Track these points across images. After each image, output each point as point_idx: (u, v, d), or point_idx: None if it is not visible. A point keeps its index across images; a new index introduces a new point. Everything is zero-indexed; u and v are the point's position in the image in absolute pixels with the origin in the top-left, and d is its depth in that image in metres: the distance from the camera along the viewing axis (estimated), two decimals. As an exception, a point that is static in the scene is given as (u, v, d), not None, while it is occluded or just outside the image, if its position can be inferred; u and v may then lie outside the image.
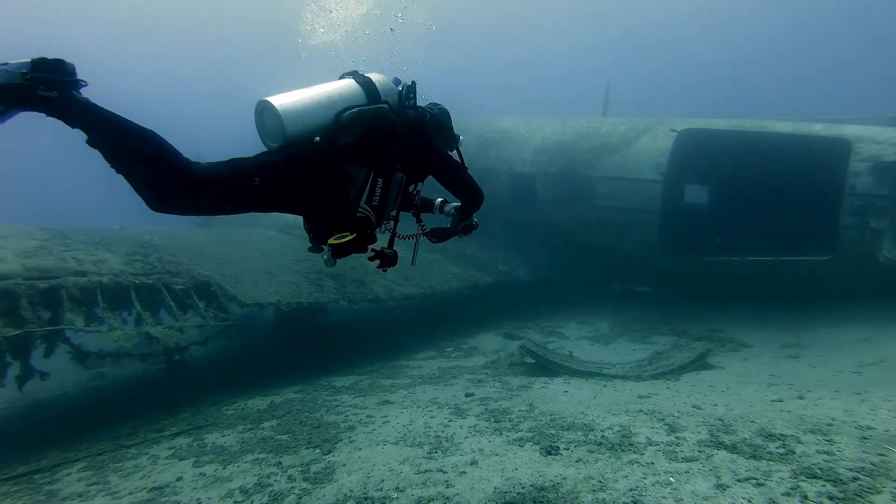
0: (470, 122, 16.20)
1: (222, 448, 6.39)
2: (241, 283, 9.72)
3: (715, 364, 9.29)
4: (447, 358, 11.12)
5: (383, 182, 3.06)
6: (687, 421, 5.60)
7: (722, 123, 12.86)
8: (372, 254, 3.25)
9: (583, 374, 8.81)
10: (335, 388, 9.00)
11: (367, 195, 3.01)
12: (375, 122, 3.08)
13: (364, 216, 3.02)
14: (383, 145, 3.08)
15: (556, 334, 12.48)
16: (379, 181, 3.05)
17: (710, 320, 12.40)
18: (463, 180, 3.47)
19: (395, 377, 9.54)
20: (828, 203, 11.52)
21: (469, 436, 5.88)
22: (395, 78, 3.40)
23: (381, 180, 3.05)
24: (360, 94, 3.19)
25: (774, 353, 10.50)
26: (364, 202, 3.01)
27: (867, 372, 8.55)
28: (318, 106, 3.04)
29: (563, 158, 13.96)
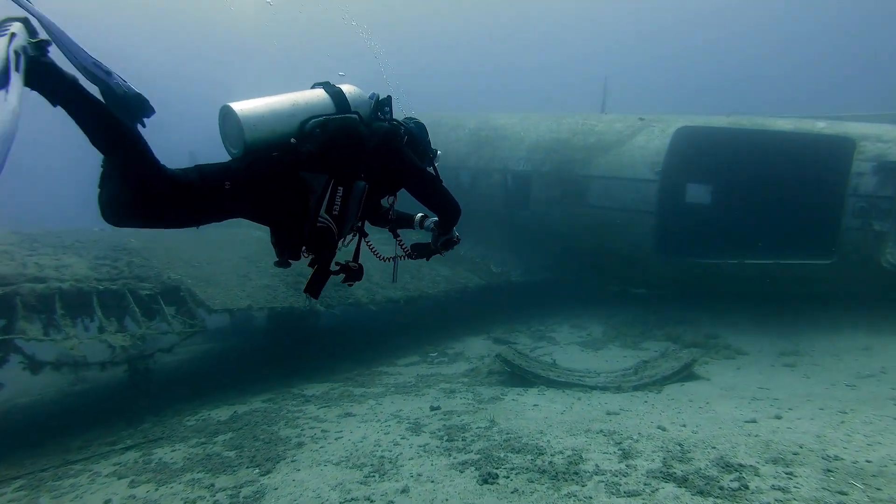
0: (465, 119, 15.83)
1: (165, 465, 6.15)
2: (214, 288, 9.49)
3: (702, 374, 8.85)
4: (429, 364, 10.81)
5: (343, 190, 2.94)
6: (645, 445, 5.21)
7: (721, 121, 12.32)
8: (336, 267, 3.12)
9: (560, 385, 8.42)
10: (305, 397, 8.73)
11: (326, 204, 2.90)
12: (340, 131, 2.98)
13: (324, 226, 2.92)
14: (347, 155, 2.97)
15: (547, 339, 12.08)
16: (339, 189, 2.93)
17: (707, 325, 11.91)
18: (437, 194, 3.28)
19: (370, 385, 9.24)
20: (830, 204, 10.94)
21: (415, 457, 5.56)
22: (372, 93, 3.30)
23: (341, 189, 2.93)
24: (328, 103, 3.08)
25: (770, 360, 10.03)
26: (324, 211, 2.90)
27: (862, 385, 8.06)
28: (282, 113, 2.94)
29: (558, 157, 13.52)
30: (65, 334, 7.54)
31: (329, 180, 2.91)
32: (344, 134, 2.98)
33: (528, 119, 14.80)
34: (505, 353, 8.99)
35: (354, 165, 2.98)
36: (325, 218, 2.90)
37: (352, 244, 3.30)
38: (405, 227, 3.73)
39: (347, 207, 2.96)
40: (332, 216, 2.91)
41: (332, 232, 2.94)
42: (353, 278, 3.18)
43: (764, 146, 12.19)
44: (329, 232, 2.92)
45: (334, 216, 2.92)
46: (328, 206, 2.90)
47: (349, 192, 2.95)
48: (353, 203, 2.99)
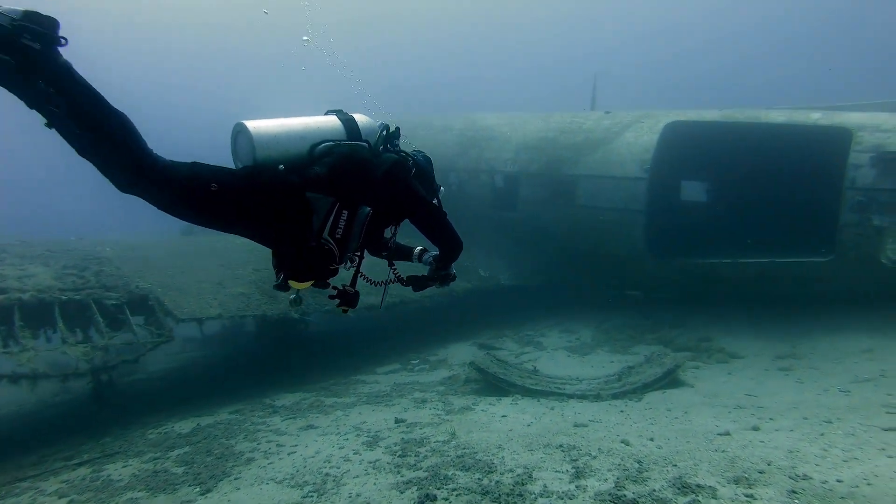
0: (453, 120, 15.51)
1: (110, 483, 5.89)
2: (184, 296, 9.27)
3: (688, 380, 8.43)
4: (409, 371, 10.49)
5: (348, 214, 2.95)
6: (602, 462, 4.83)
7: (712, 114, 11.88)
8: (333, 291, 3.13)
9: (536, 394, 8.06)
10: (274, 407, 8.45)
11: (330, 226, 2.90)
12: (349, 157, 3.03)
13: (326, 248, 2.91)
14: (354, 180, 3.00)
15: (534, 344, 11.71)
16: (344, 213, 2.94)
17: (701, 328, 11.46)
18: (441, 228, 3.28)
19: (343, 395, 8.94)
20: (827, 199, 10.46)
21: (361, 475, 5.24)
22: (381, 123, 3.35)
23: (346, 212, 2.94)
24: (339, 130, 3.14)
25: (766, 364, 9.58)
26: (327, 233, 2.90)
27: (857, 391, 7.59)
28: (294, 135, 2.99)
29: (545, 156, 13.14)
30: (22, 346, 7.34)
31: (335, 203, 2.91)
32: (352, 160, 3.02)
33: (515, 119, 14.44)
34: (479, 362, 8.64)
35: (361, 191, 2.99)
36: (327, 240, 2.89)
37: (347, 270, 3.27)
38: (403, 259, 3.74)
39: (350, 231, 2.95)
40: (335, 238, 2.90)
41: (334, 254, 2.91)
42: (349, 304, 3.14)
43: (758, 140, 11.74)
44: (330, 254, 2.90)
45: (337, 239, 2.91)
46: (332, 228, 2.90)
47: (353, 216, 2.95)
48: (356, 227, 2.97)
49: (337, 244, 2.92)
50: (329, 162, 2.98)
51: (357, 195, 2.98)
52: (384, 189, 3.08)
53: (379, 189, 3.06)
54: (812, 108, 11.27)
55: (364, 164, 3.05)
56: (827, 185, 10.52)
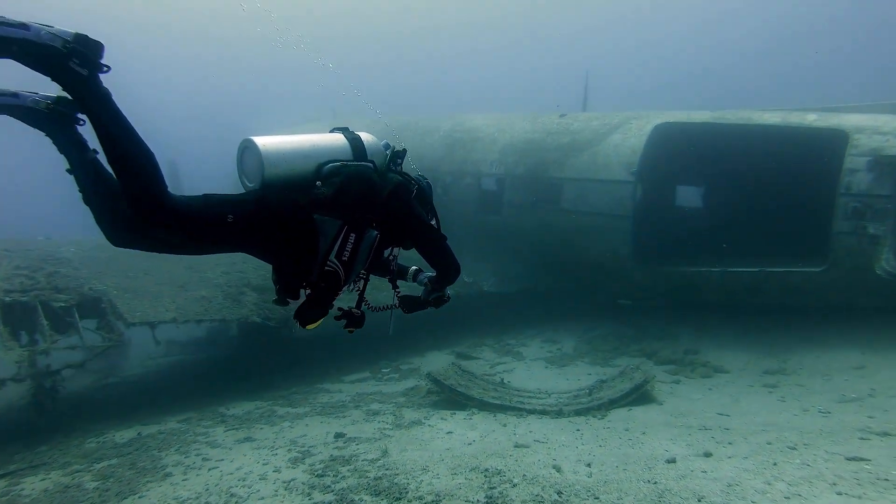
0: (441, 122, 15.10)
1: (17, 498, 5.58)
2: (140, 299, 8.98)
3: (659, 397, 7.90)
4: (377, 380, 10.08)
5: (356, 237, 2.92)
6: (520, 492, 4.37)
7: (703, 115, 11.31)
8: (339, 313, 3.09)
9: (494, 408, 7.58)
10: (224, 416, 8.11)
11: (337, 249, 2.87)
12: (355, 177, 3.00)
13: (332, 270, 2.87)
14: (360, 201, 2.97)
15: (513, 354, 11.24)
16: (351, 236, 2.91)
17: (688, 340, 10.90)
18: (441, 251, 3.26)
19: (298, 405, 8.57)
20: (821, 205, 9.84)
21: (269, 496, 4.85)
22: (385, 142, 3.31)
23: (353, 235, 2.91)
24: (346, 149, 3.11)
25: (751, 380, 9.05)
26: (334, 256, 2.86)
27: (839, 411, 7.04)
28: (301, 153, 2.96)
29: (531, 159, 12.66)
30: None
31: (343, 226, 2.89)
32: (359, 181, 3.00)
33: (503, 119, 13.98)
34: (437, 373, 8.19)
35: (366, 212, 2.98)
36: (333, 262, 2.87)
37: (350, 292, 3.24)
38: (400, 279, 3.66)
39: (357, 254, 2.92)
40: (342, 261, 2.88)
41: (340, 276, 2.89)
42: (355, 325, 3.13)
43: (750, 142, 11.14)
44: (336, 276, 2.88)
45: (343, 261, 2.88)
46: (339, 251, 2.87)
47: (360, 239, 2.93)
48: (363, 250, 2.95)
49: (343, 266, 2.89)
50: (336, 182, 2.95)
51: (364, 218, 2.96)
52: (387, 210, 3.07)
53: (383, 210, 3.05)
54: (809, 110, 10.66)
55: (370, 186, 3.03)
56: (821, 191, 9.91)
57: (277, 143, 2.93)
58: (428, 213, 3.40)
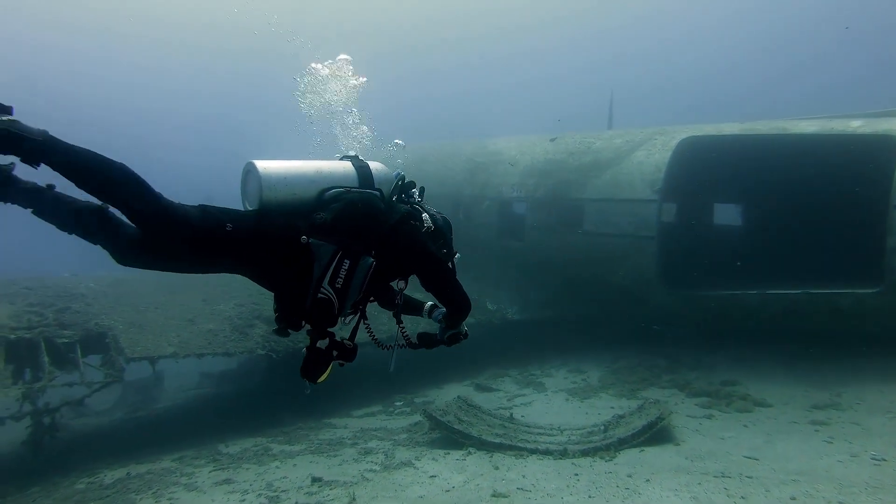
0: (463, 146, 14.79)
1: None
2: (145, 334, 8.91)
3: (680, 435, 7.10)
4: (388, 415, 9.63)
5: (350, 263, 2.84)
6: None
7: (733, 128, 10.52)
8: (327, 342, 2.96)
9: (494, 447, 6.98)
10: (217, 455, 7.84)
11: (330, 275, 2.80)
12: (357, 204, 2.94)
13: (325, 297, 2.81)
14: (360, 228, 2.90)
15: (535, 385, 10.56)
16: (345, 262, 2.83)
17: (725, 369, 9.98)
18: (449, 286, 3.09)
19: (297, 442, 8.21)
20: (871, 220, 8.86)
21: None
22: (397, 172, 3.25)
23: (347, 261, 2.83)
24: (352, 176, 3.06)
25: (796, 416, 8.11)
26: (327, 282, 2.80)
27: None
28: (304, 179, 2.93)
29: (552, 180, 12.11)
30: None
31: (336, 251, 2.81)
32: (360, 207, 2.93)
33: (525, 141, 13.51)
34: (436, 409, 7.65)
35: (365, 240, 2.89)
36: (326, 289, 2.80)
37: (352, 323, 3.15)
38: (413, 314, 3.51)
39: (351, 281, 2.84)
40: (335, 288, 2.80)
41: (333, 304, 2.81)
42: (346, 358, 2.97)
43: (787, 154, 10.25)
44: (329, 304, 2.80)
45: (337, 289, 2.81)
46: (332, 277, 2.80)
47: (355, 266, 2.85)
48: (357, 278, 2.86)
49: (336, 294, 2.81)
50: (336, 208, 2.89)
51: (359, 244, 2.87)
52: (391, 240, 2.96)
53: (386, 240, 2.95)
54: (852, 116, 9.72)
55: (372, 213, 2.96)
56: (872, 204, 8.93)
57: (279, 168, 2.90)
58: (442, 250, 3.26)
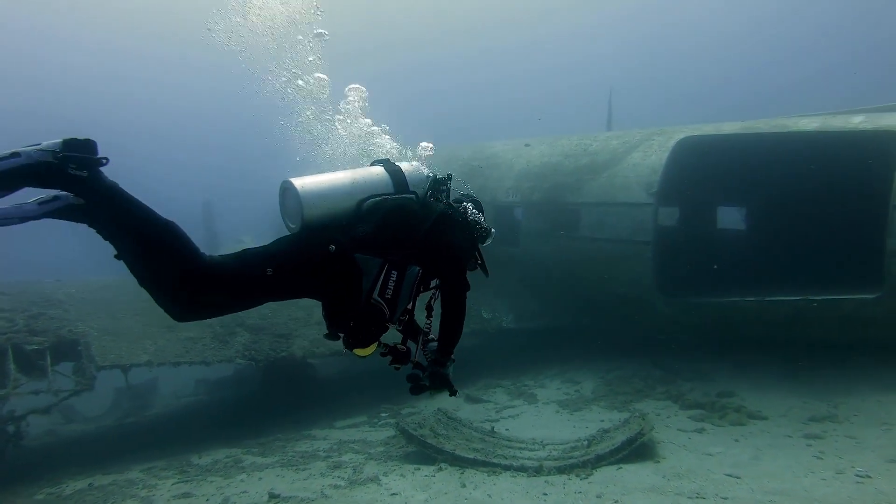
0: (460, 150, 14.52)
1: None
2: (119, 341, 8.74)
3: (661, 451, 6.70)
4: (371, 426, 9.35)
5: (397, 275, 2.89)
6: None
7: (733, 127, 10.11)
8: (384, 349, 3.05)
9: (467, 463, 6.65)
10: (188, 465, 7.65)
11: (380, 287, 2.85)
12: (395, 211, 2.98)
13: (376, 306, 2.85)
14: (400, 237, 2.94)
15: (526, 396, 10.20)
16: (393, 273, 2.88)
17: (723, 380, 9.54)
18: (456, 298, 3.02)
19: (271, 454, 7.97)
20: (871, 221, 8.41)
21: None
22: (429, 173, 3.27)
23: (395, 273, 2.88)
24: (387, 182, 3.08)
25: (791, 429, 7.69)
26: (377, 294, 2.84)
27: (885, 474, 5.65)
28: (341, 191, 2.96)
29: (548, 184, 11.78)
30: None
31: (383, 265, 2.86)
32: (398, 215, 2.97)
33: (521, 144, 13.20)
34: (410, 423, 7.35)
35: (407, 248, 2.94)
36: (377, 300, 2.84)
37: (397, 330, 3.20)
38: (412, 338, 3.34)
39: (400, 291, 2.89)
40: (385, 298, 2.85)
41: (384, 312, 2.86)
42: (400, 361, 3.09)
43: (789, 153, 9.82)
44: (380, 312, 2.85)
45: (387, 299, 2.85)
46: (381, 289, 2.84)
47: (402, 276, 2.90)
48: (405, 287, 2.92)
49: (387, 304, 2.85)
50: (376, 221, 2.93)
51: (404, 254, 2.92)
52: (429, 242, 3.00)
53: (425, 246, 2.99)
54: (855, 111, 9.27)
55: (411, 218, 3.00)
56: (872, 204, 8.48)
57: (316, 183, 2.91)
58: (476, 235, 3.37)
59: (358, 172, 3.08)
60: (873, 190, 8.36)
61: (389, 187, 3.06)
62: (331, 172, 3.02)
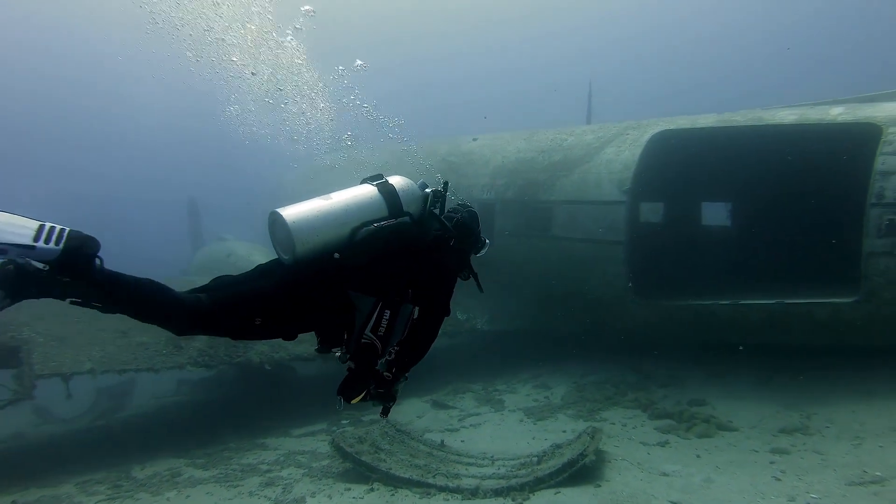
0: (438, 146, 14.08)
1: None
2: (66, 348, 8.48)
3: (606, 472, 6.29)
4: (329, 434, 8.98)
5: (391, 314, 2.85)
6: None
7: (708, 119, 9.59)
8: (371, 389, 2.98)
9: (402, 483, 6.28)
10: (125, 479, 7.37)
11: (372, 324, 2.81)
12: (390, 242, 2.87)
13: (368, 343, 2.82)
14: (394, 274, 2.89)
15: (494, 403, 9.82)
16: (386, 312, 2.84)
17: (697, 387, 9.11)
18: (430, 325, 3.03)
19: (213, 466, 7.67)
20: (849, 219, 7.89)
21: None
22: (421, 182, 3.14)
23: (388, 312, 2.84)
24: (381, 205, 2.93)
25: (759, 442, 7.30)
26: (369, 330, 2.81)
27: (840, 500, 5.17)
28: (334, 221, 2.82)
29: (521, 180, 11.33)
30: None
31: (377, 303, 2.82)
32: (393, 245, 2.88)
33: (498, 139, 12.76)
34: (347, 437, 6.98)
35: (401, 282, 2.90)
36: (369, 336, 2.81)
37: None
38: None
39: (393, 329, 2.87)
40: (378, 335, 2.82)
41: (377, 349, 2.83)
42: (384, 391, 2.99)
43: (766, 146, 9.28)
44: (373, 348, 2.83)
45: (379, 336, 2.82)
46: (374, 326, 2.81)
47: (396, 315, 2.87)
48: (399, 325, 2.90)
49: (380, 340, 2.82)
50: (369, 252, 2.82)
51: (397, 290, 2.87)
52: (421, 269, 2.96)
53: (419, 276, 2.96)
54: (837, 102, 8.72)
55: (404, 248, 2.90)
56: (850, 202, 7.96)
57: (307, 215, 2.79)
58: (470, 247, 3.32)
59: (350, 198, 2.92)
60: (850, 187, 7.83)
61: (384, 210, 2.92)
62: (321, 198, 2.87)
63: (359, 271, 2.81)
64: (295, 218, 2.75)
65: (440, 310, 3.03)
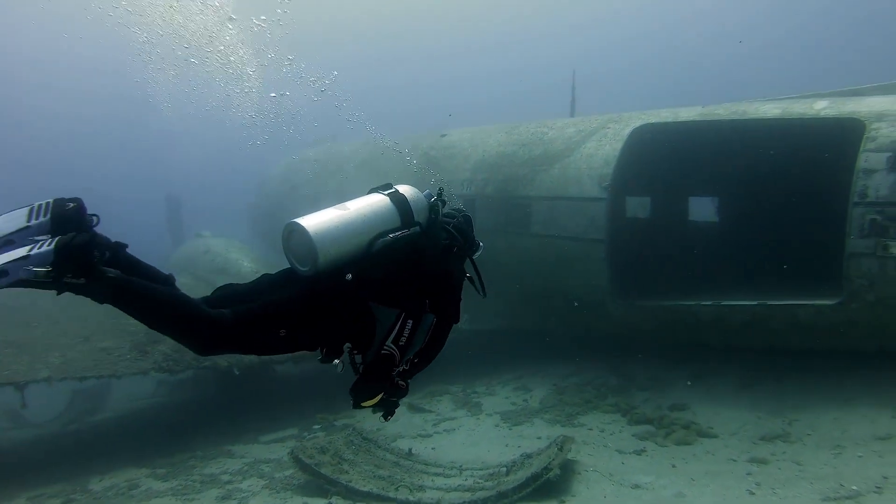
0: (420, 140, 13.73)
1: None
2: (22, 354, 8.19)
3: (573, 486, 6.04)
4: (298, 440, 8.73)
5: (413, 324, 2.84)
6: None
7: (690, 113, 9.26)
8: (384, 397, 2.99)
9: (360, 497, 6.03)
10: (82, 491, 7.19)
11: (394, 335, 2.79)
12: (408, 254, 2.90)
13: (388, 353, 2.78)
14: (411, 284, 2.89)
15: (471, 406, 9.57)
16: (409, 323, 2.83)
17: (679, 390, 8.83)
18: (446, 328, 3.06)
19: (176, 476, 7.44)
20: (831, 218, 7.59)
21: None
22: (427, 192, 3.16)
23: (410, 322, 2.83)
24: (394, 215, 2.96)
25: (738, 451, 7.07)
26: (391, 341, 2.78)
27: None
28: (353, 232, 2.82)
29: (501, 175, 11.00)
30: None
31: (400, 314, 2.83)
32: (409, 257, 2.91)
33: (479, 133, 12.42)
34: (308, 448, 6.70)
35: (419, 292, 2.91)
36: (390, 346, 2.80)
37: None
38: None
39: (414, 338, 2.86)
40: (398, 346, 2.81)
41: (396, 358, 2.82)
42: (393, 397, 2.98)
43: (749, 140, 8.97)
44: (392, 358, 2.81)
45: (400, 346, 2.81)
46: (395, 337, 2.80)
47: (417, 325, 2.86)
48: (420, 335, 2.90)
49: (399, 350, 2.81)
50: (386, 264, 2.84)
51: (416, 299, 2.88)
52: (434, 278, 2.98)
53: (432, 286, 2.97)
54: (822, 95, 8.39)
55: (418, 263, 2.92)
56: (832, 200, 7.66)
57: (327, 225, 2.77)
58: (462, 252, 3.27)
59: (366, 207, 2.93)
60: (832, 184, 7.54)
61: (396, 220, 2.95)
62: (337, 208, 2.88)
63: (376, 282, 2.81)
64: (317, 229, 2.72)
65: (453, 316, 3.09)
